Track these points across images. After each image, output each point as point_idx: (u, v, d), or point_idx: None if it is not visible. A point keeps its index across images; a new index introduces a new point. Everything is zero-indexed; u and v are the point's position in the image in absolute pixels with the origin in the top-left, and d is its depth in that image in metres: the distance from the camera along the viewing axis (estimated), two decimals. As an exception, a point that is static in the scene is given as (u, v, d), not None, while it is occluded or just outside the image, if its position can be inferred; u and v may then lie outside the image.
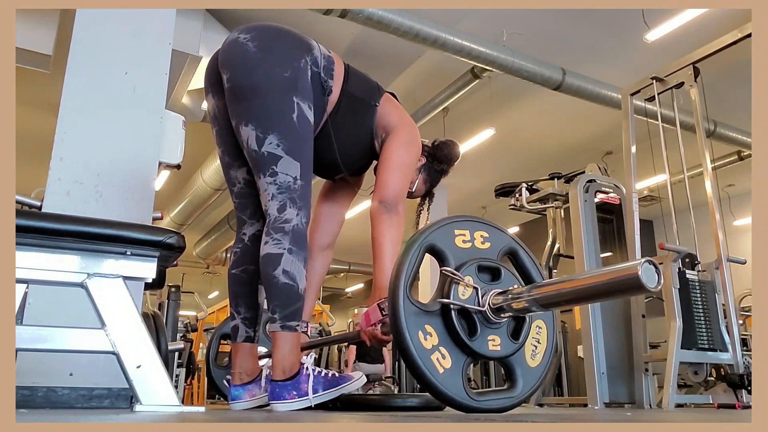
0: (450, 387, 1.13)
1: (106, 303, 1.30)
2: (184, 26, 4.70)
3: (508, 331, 1.21)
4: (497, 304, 1.16)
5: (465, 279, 1.17)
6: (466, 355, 1.16)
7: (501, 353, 1.19)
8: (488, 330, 1.18)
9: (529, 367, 1.24)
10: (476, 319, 1.16)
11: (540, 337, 1.27)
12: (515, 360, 1.23)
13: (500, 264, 1.23)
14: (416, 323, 1.13)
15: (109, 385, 1.93)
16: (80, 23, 2.23)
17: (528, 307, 1.13)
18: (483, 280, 1.20)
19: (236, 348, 1.75)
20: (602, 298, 1.03)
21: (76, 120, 2.13)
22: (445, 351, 1.14)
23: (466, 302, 1.16)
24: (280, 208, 1.60)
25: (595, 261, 3.85)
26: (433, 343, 1.13)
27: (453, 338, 1.16)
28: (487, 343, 1.17)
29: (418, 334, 1.12)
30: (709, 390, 3.56)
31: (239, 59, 1.61)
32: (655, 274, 0.91)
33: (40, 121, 6.62)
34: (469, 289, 1.17)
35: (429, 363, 1.12)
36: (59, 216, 1.33)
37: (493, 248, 1.25)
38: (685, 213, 3.84)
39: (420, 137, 1.87)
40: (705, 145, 3.87)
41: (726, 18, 5.15)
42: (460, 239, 1.23)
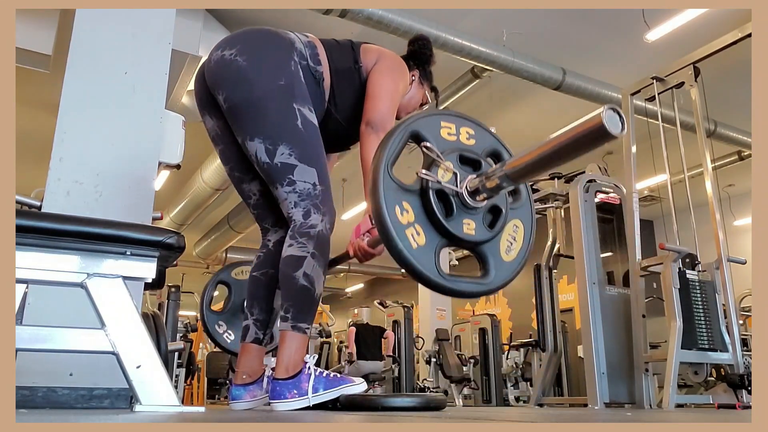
0: (423, 263, 1.15)
1: (106, 303, 1.30)
2: (184, 26, 4.70)
3: (484, 220, 1.24)
4: (474, 187, 1.19)
5: (445, 163, 1.19)
6: (441, 236, 1.19)
7: (475, 237, 1.21)
8: (464, 214, 1.20)
9: (503, 260, 1.26)
10: (453, 202, 1.19)
11: (516, 235, 1.30)
12: (489, 250, 1.25)
13: (480, 156, 1.24)
14: (394, 197, 1.16)
15: (109, 385, 1.93)
16: (80, 23, 2.23)
17: (500, 183, 1.16)
18: (464, 170, 1.22)
19: (243, 348, 1.75)
20: (570, 155, 1.05)
21: (75, 120, 2.13)
22: (420, 229, 1.17)
23: (445, 184, 1.19)
24: (305, 215, 1.59)
25: (595, 261, 3.85)
26: (409, 219, 1.16)
27: (429, 218, 1.18)
28: (463, 225, 1.20)
29: (395, 207, 1.15)
30: (710, 390, 3.56)
31: (232, 77, 1.60)
32: (618, 121, 0.93)
33: (40, 121, 6.62)
34: (449, 174, 1.19)
35: (403, 237, 1.14)
36: (59, 216, 1.33)
37: (478, 145, 1.27)
38: (686, 213, 3.84)
39: (404, 65, 1.86)
40: (705, 145, 3.87)
41: (726, 18, 5.15)
42: (445, 131, 1.24)
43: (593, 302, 3.73)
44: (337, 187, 9.38)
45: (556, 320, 4.75)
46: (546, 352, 4.75)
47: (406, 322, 8.53)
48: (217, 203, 8.58)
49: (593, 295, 3.74)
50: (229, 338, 2.55)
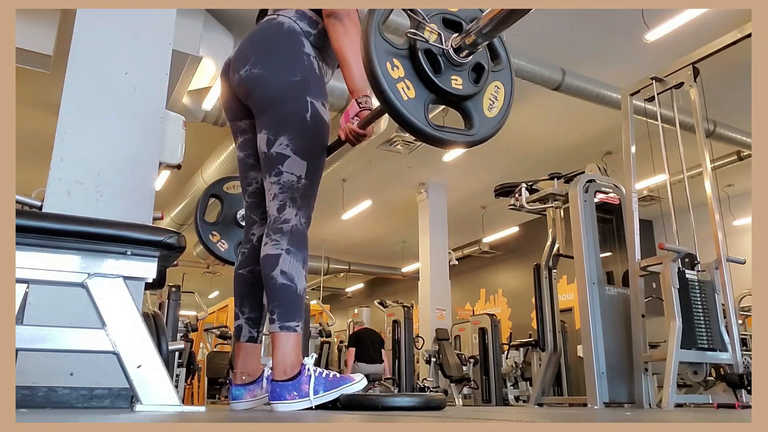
0: (413, 113, 1.24)
1: (106, 303, 1.30)
2: (184, 26, 4.70)
3: (470, 76, 1.33)
4: (457, 44, 1.28)
5: (430, 25, 1.27)
6: (430, 91, 1.28)
7: (462, 92, 1.31)
8: (451, 70, 1.30)
9: (486, 116, 1.38)
10: (441, 61, 1.28)
11: (498, 95, 1.41)
12: (474, 106, 1.36)
13: (462, 18, 1.32)
14: (385, 54, 1.24)
15: (110, 385, 1.93)
16: (80, 23, 2.23)
17: (476, 39, 1.26)
18: (448, 32, 1.31)
19: (239, 348, 1.75)
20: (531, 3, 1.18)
21: (76, 120, 2.13)
22: (410, 83, 1.26)
23: (432, 43, 1.28)
24: (279, 208, 1.62)
25: (595, 261, 3.85)
26: (400, 74, 1.25)
27: (419, 75, 1.27)
28: (451, 81, 1.29)
29: (386, 63, 1.23)
30: (709, 390, 3.56)
31: (254, 87, 1.66)
32: None
33: (40, 121, 6.62)
34: (434, 35, 1.28)
35: (395, 89, 1.23)
36: (60, 216, 1.33)
37: (462, 12, 1.35)
38: (685, 213, 3.85)
39: None
40: (704, 145, 3.87)
41: (726, 18, 5.15)
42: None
43: (593, 302, 3.73)
44: (337, 187, 9.39)
45: (556, 320, 4.76)
46: (546, 351, 4.75)
47: (406, 321, 8.53)
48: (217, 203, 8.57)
49: (593, 295, 3.74)
50: (223, 247, 2.68)
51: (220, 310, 10.54)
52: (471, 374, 7.99)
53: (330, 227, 11.10)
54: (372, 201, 10.27)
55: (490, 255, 12.02)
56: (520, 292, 11.12)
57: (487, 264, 12.42)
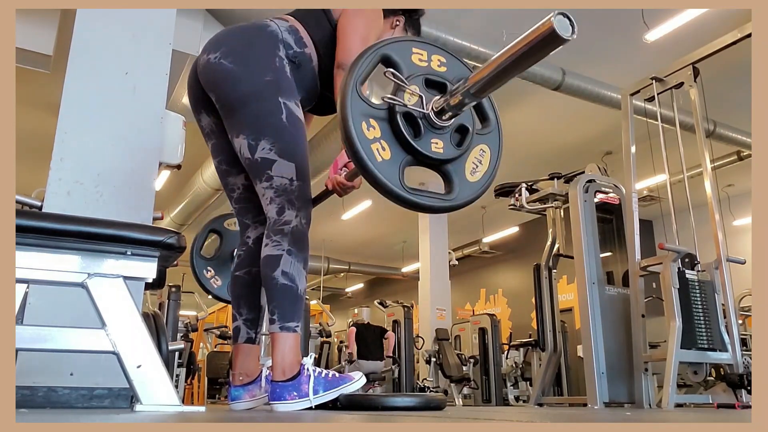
0: (386, 175, 1.18)
1: (106, 303, 1.30)
2: (184, 26, 4.70)
3: (452, 139, 1.27)
4: (439, 107, 1.22)
5: (411, 87, 1.21)
6: (408, 153, 1.22)
7: (442, 155, 1.24)
8: (432, 134, 1.24)
9: (468, 180, 1.30)
10: (421, 124, 1.22)
11: (483, 159, 1.34)
12: (455, 170, 1.29)
13: (446, 79, 1.26)
14: (361, 114, 1.18)
15: (110, 385, 1.93)
16: (80, 23, 2.23)
17: (463, 99, 1.19)
18: (431, 93, 1.25)
19: (237, 349, 1.75)
20: (526, 62, 1.05)
21: (76, 120, 2.13)
22: (386, 144, 1.20)
23: (412, 106, 1.21)
24: (279, 211, 1.61)
25: (595, 261, 3.85)
26: (375, 135, 1.19)
27: (396, 136, 1.21)
28: (431, 144, 1.23)
29: (361, 123, 1.17)
30: (709, 390, 3.56)
31: (220, 78, 1.62)
32: (569, 25, 0.94)
33: (40, 121, 6.62)
34: (415, 97, 1.22)
35: (369, 150, 1.17)
36: (60, 216, 1.33)
37: (449, 72, 1.29)
38: (685, 213, 3.85)
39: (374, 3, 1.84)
40: (704, 145, 3.87)
41: (726, 18, 5.15)
42: (416, 57, 1.26)
43: (593, 302, 3.73)
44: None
45: (556, 320, 4.75)
46: (546, 351, 4.75)
47: (406, 321, 8.53)
48: (218, 203, 8.57)
49: (593, 295, 3.74)
50: (216, 284, 2.64)
51: (220, 310, 10.54)
52: (471, 374, 7.98)
53: (330, 227, 11.09)
54: (372, 201, 10.27)
55: (490, 255, 12.02)
56: (520, 292, 11.12)
57: (487, 264, 12.42)
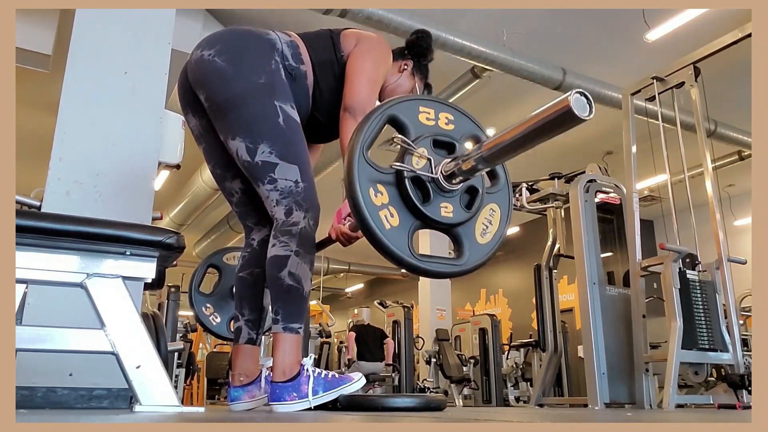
0: (395, 243, 1.15)
1: (105, 303, 1.30)
2: (184, 26, 4.69)
3: (461, 201, 1.24)
4: (449, 171, 1.19)
5: (419, 150, 1.19)
6: (416, 218, 1.19)
7: (453, 220, 1.21)
8: (441, 198, 1.21)
9: (477, 243, 1.27)
10: (430, 187, 1.19)
11: (493, 219, 1.31)
12: (464, 233, 1.26)
13: (455, 139, 1.24)
14: (368, 179, 1.16)
15: (109, 386, 1.93)
16: (80, 23, 2.23)
17: (476, 165, 1.16)
18: (438, 154, 1.22)
19: (237, 349, 1.75)
20: (542, 137, 1.03)
21: (75, 120, 2.12)
22: (395, 211, 1.17)
23: (420, 171, 1.19)
24: (287, 212, 1.59)
25: (595, 261, 3.85)
26: (383, 201, 1.16)
27: (404, 201, 1.19)
28: (440, 209, 1.20)
29: (369, 189, 1.15)
30: (710, 390, 3.56)
31: (211, 76, 1.60)
32: (586, 104, 0.94)
33: (40, 121, 6.62)
34: (423, 160, 1.19)
35: (377, 218, 1.14)
36: (59, 216, 1.32)
37: (457, 130, 1.26)
38: (686, 213, 3.84)
39: (386, 46, 1.82)
40: (705, 145, 3.87)
41: (726, 18, 5.14)
42: (423, 116, 1.24)
43: (593, 302, 3.73)
44: (337, 187, 9.35)
45: (556, 320, 4.75)
46: (546, 352, 4.75)
47: (406, 322, 8.52)
48: (217, 203, 8.58)
49: (593, 295, 3.74)
50: (215, 321, 2.58)
51: (220, 311, 10.52)
52: (471, 375, 7.98)
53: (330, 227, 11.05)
54: (372, 201, 10.25)
55: (490, 255, 11.99)
56: (520, 292, 11.11)
57: (488, 264, 12.38)
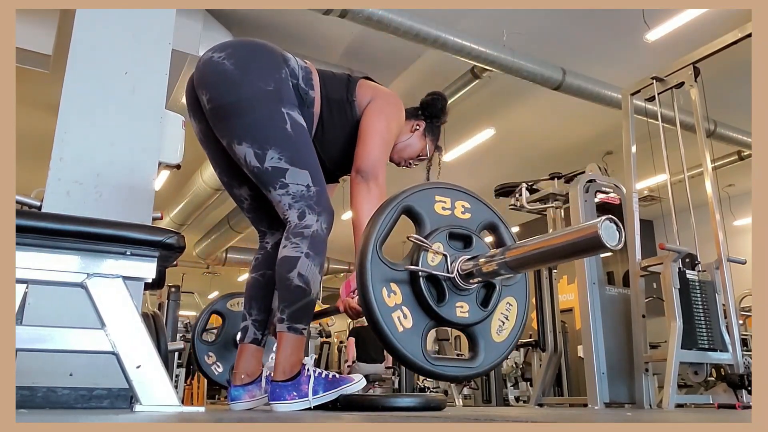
0: (407, 346, 1.11)
1: (106, 303, 1.30)
2: (184, 26, 4.69)
3: (477, 298, 1.19)
4: (466, 270, 1.15)
5: (434, 246, 1.15)
6: (430, 318, 1.15)
7: (468, 320, 1.17)
8: (457, 297, 1.16)
9: (493, 341, 1.22)
10: (445, 285, 1.15)
11: (509, 314, 1.26)
12: (480, 332, 1.21)
13: (471, 231, 1.20)
14: (381, 279, 1.12)
15: (109, 386, 1.93)
16: (80, 23, 2.23)
17: (497, 270, 1.11)
18: (454, 247, 1.18)
19: (242, 348, 1.75)
20: (568, 258, 1.02)
21: (75, 120, 2.13)
22: (408, 311, 1.13)
23: (435, 269, 1.14)
24: (300, 215, 1.58)
25: (595, 261, 3.85)
26: (396, 301, 1.12)
27: (419, 301, 1.14)
28: (455, 309, 1.16)
29: (382, 290, 1.11)
30: (710, 390, 3.56)
31: (218, 78, 1.58)
32: (616, 232, 0.91)
33: (40, 121, 6.62)
34: (439, 256, 1.15)
35: (389, 320, 1.10)
36: (59, 216, 1.33)
37: (473, 219, 1.23)
38: (686, 213, 3.84)
39: (400, 104, 1.81)
40: (705, 145, 3.87)
41: (726, 18, 5.14)
42: (439, 206, 1.21)
43: (593, 302, 3.73)
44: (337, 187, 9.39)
45: (556, 320, 4.75)
46: (546, 352, 4.75)
47: (406, 322, 8.51)
48: (217, 203, 8.57)
49: (593, 295, 3.74)
50: (218, 370, 2.53)
51: (220, 311, 10.52)
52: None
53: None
54: (372, 201, 10.25)
55: (490, 255, 12.00)
56: (520, 292, 11.09)
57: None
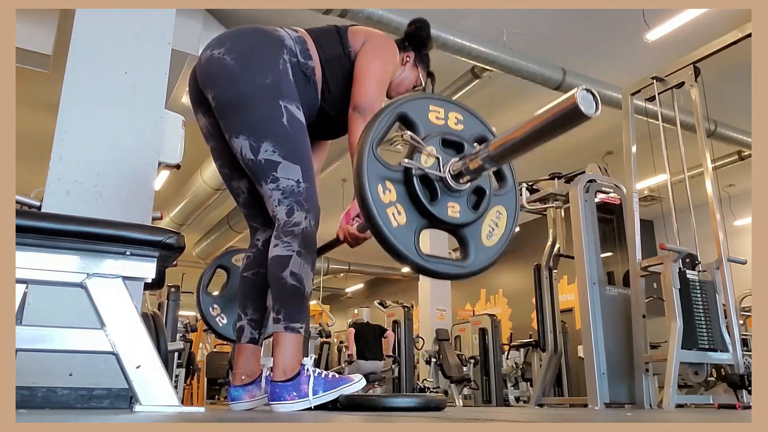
0: (402, 241, 1.16)
1: (105, 303, 1.30)
2: (184, 26, 4.70)
3: (468, 202, 1.25)
4: (457, 170, 1.20)
5: (427, 148, 1.20)
6: (423, 217, 1.20)
7: (459, 220, 1.22)
8: (449, 197, 1.22)
9: (484, 245, 1.28)
10: (437, 186, 1.20)
11: (499, 221, 1.32)
12: (471, 234, 1.27)
13: (464, 139, 1.25)
14: (377, 176, 1.17)
15: (109, 386, 1.93)
16: (80, 23, 2.23)
17: (482, 165, 1.17)
18: (447, 153, 1.23)
19: (239, 349, 1.75)
20: (549, 135, 1.05)
21: (75, 120, 2.13)
22: (402, 209, 1.18)
23: (428, 169, 1.19)
24: (288, 212, 1.60)
25: (595, 261, 3.85)
26: (391, 198, 1.17)
27: (412, 200, 1.19)
28: (447, 209, 1.21)
29: (377, 186, 1.16)
30: (710, 390, 3.56)
31: (220, 75, 1.62)
32: (593, 101, 0.93)
33: (40, 121, 6.62)
34: (432, 159, 1.20)
35: (384, 215, 1.15)
36: (59, 216, 1.32)
37: (466, 130, 1.28)
38: (686, 213, 3.84)
39: (393, 45, 1.85)
40: (705, 145, 3.87)
41: (726, 18, 5.14)
42: (433, 115, 1.25)
43: (593, 302, 3.73)
44: (337, 187, 9.38)
45: (556, 320, 4.75)
46: (546, 352, 4.75)
47: (406, 322, 8.52)
48: (217, 203, 8.57)
49: (593, 295, 3.74)
50: (222, 322, 2.59)
51: (220, 311, 10.52)
52: (471, 375, 7.98)
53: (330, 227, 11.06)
54: (372, 201, 10.25)
55: (490, 255, 12.00)
56: (520, 292, 11.11)
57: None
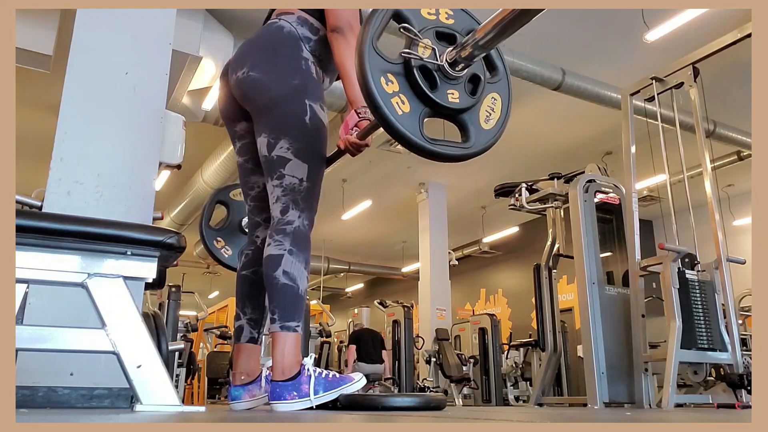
0: (407, 127, 1.24)
1: (106, 303, 1.30)
2: (184, 26, 4.70)
3: (465, 88, 1.33)
4: (452, 59, 1.27)
5: (423, 40, 1.26)
6: (426, 105, 1.27)
7: (459, 105, 1.31)
8: (447, 85, 1.29)
9: (482, 128, 1.37)
10: (436, 76, 1.27)
11: (495, 107, 1.41)
12: (470, 119, 1.35)
13: (456, 30, 1.31)
14: (379, 69, 1.23)
15: (110, 385, 1.93)
16: (80, 23, 2.23)
17: (473, 51, 1.25)
18: (442, 45, 1.30)
19: (239, 348, 1.75)
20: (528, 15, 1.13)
21: (76, 120, 2.13)
22: (405, 98, 1.26)
23: (427, 59, 1.27)
24: (282, 210, 1.65)
25: (595, 261, 3.85)
26: (394, 89, 1.24)
27: (414, 89, 1.27)
28: (447, 95, 1.29)
29: (380, 78, 1.23)
30: (709, 390, 3.56)
31: (252, 91, 1.68)
32: None
33: (40, 121, 6.62)
34: (428, 50, 1.27)
35: (389, 104, 1.23)
36: (59, 216, 1.33)
37: (457, 24, 1.34)
38: (685, 213, 3.85)
39: None
40: (704, 145, 3.87)
41: (726, 18, 5.15)
42: (425, 11, 1.32)
43: (593, 302, 3.73)
44: (337, 187, 9.39)
45: (556, 320, 4.76)
46: (546, 351, 4.75)
47: (406, 321, 8.52)
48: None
49: (593, 295, 3.74)
50: (227, 253, 2.69)
51: (220, 310, 10.54)
52: (471, 374, 7.98)
53: (330, 227, 11.09)
54: (372, 201, 10.27)
55: (490, 255, 12.02)
56: (520, 292, 11.12)
57: (487, 264, 12.42)
